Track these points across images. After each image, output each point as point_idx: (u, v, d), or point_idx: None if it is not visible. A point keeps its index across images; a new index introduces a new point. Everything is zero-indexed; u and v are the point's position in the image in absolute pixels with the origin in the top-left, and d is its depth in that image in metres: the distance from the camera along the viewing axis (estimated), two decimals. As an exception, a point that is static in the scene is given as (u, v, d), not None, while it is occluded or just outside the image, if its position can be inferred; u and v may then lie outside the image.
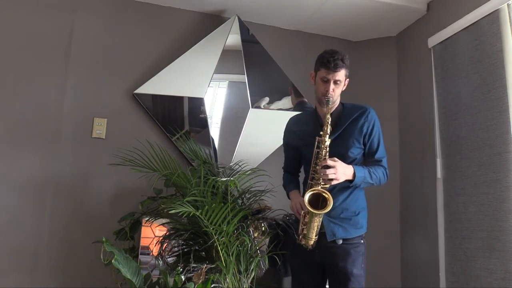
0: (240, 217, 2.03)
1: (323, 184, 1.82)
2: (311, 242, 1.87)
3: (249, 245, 2.07)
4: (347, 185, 1.90)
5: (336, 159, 1.83)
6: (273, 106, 2.88)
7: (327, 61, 1.89)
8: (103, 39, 2.70)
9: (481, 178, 2.15)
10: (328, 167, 1.80)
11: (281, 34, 3.10)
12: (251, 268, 2.05)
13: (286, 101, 2.93)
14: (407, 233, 2.84)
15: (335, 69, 1.89)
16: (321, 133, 1.86)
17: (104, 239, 1.91)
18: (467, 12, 2.33)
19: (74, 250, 2.45)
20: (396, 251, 2.86)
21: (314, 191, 1.81)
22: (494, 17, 2.14)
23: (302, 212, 1.88)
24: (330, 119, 1.85)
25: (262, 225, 2.23)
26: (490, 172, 2.10)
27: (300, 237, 1.89)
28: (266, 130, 2.80)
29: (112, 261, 1.84)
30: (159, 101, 2.71)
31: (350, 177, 1.85)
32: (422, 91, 2.77)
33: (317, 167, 1.85)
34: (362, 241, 1.96)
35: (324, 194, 1.79)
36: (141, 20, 2.80)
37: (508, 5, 2.09)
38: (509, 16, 2.09)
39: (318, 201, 1.81)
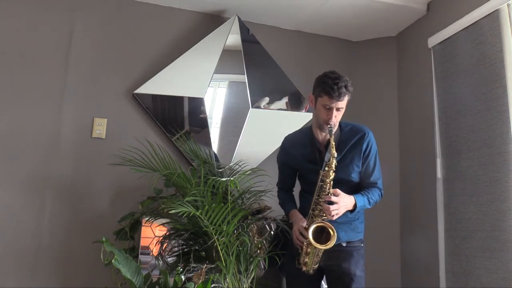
0: (240, 217, 2.03)
1: (324, 217, 1.83)
2: (312, 269, 1.89)
3: (249, 245, 2.07)
4: (347, 192, 1.92)
5: (338, 191, 1.82)
6: (273, 106, 2.88)
7: (331, 89, 1.79)
8: (103, 39, 2.70)
9: (481, 178, 2.15)
10: (332, 203, 1.80)
11: (281, 34, 3.10)
12: (251, 268, 2.05)
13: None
14: (407, 233, 2.84)
15: (339, 98, 1.81)
16: (326, 168, 1.83)
17: (104, 239, 1.91)
18: (467, 12, 2.33)
19: (74, 250, 2.45)
20: (396, 251, 2.86)
21: (319, 225, 1.83)
22: (494, 17, 2.14)
23: (305, 243, 1.86)
24: (336, 155, 1.82)
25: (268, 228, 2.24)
26: (490, 172, 2.10)
27: (302, 264, 1.90)
28: (266, 130, 2.80)
29: (112, 261, 1.84)
30: (159, 101, 2.71)
31: (350, 208, 1.87)
32: (422, 91, 2.77)
33: (320, 199, 1.84)
34: (362, 244, 2.00)
35: (329, 229, 1.81)
36: (141, 20, 2.80)
37: (508, 5, 2.09)
38: (509, 16, 2.09)
39: (321, 232, 1.84)
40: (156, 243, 2.18)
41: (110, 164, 2.40)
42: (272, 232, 2.28)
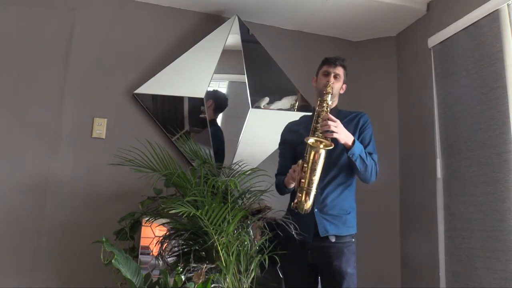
0: (240, 217, 2.03)
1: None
2: (310, 200, 1.81)
3: (249, 245, 2.07)
4: (340, 182, 1.97)
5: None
6: (273, 106, 2.88)
7: (329, 58, 2.10)
8: (103, 39, 2.70)
9: (481, 178, 2.15)
10: (330, 120, 1.84)
11: (281, 34, 3.10)
12: (251, 268, 2.05)
13: (286, 101, 2.93)
14: (407, 233, 2.83)
15: (335, 63, 2.07)
16: (324, 92, 1.95)
17: (104, 239, 1.91)
18: (467, 12, 2.33)
19: (74, 250, 2.45)
20: (396, 251, 2.86)
21: (316, 138, 1.83)
22: (494, 17, 2.14)
23: (301, 162, 1.85)
24: (333, 86, 1.98)
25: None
26: (490, 172, 2.10)
27: (298, 194, 1.84)
28: (266, 130, 2.79)
29: (112, 261, 1.84)
30: (159, 101, 2.71)
31: (350, 141, 1.89)
32: (422, 91, 2.77)
33: (318, 125, 1.89)
34: (353, 240, 2.00)
35: (325, 140, 1.82)
36: (141, 20, 2.80)
37: (508, 5, 2.09)
38: (509, 16, 2.09)
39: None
40: (156, 243, 2.18)
41: (110, 164, 2.39)
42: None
